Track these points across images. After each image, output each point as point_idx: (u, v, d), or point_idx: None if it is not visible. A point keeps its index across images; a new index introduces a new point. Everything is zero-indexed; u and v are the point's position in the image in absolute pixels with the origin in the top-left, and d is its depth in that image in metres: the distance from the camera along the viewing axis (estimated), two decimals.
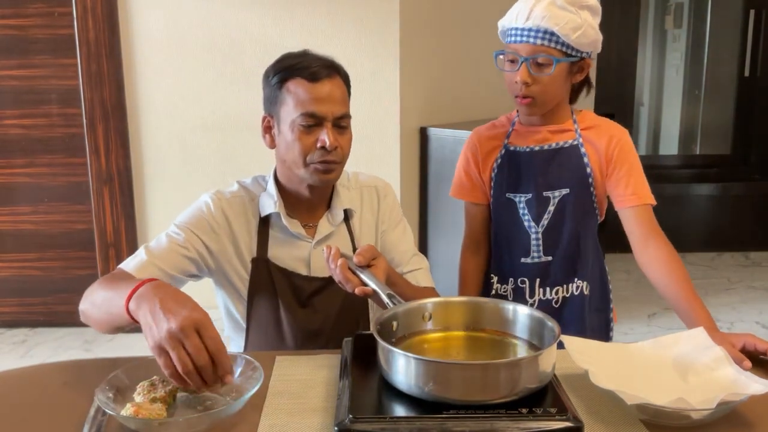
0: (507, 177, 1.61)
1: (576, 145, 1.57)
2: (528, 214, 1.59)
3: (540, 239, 1.59)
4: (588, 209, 1.59)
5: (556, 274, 1.60)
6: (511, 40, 1.52)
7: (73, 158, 3.25)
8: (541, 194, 1.58)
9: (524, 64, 1.48)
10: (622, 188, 1.54)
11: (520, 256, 1.61)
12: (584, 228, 1.59)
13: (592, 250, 1.62)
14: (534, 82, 1.49)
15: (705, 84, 4.85)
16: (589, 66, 1.56)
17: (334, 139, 1.38)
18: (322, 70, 1.39)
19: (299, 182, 1.45)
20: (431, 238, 3.27)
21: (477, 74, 3.50)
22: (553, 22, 1.44)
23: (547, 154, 1.58)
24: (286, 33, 3.03)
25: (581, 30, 1.46)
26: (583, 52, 1.51)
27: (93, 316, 1.27)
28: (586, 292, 1.61)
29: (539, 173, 1.57)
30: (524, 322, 1.15)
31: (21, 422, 1.08)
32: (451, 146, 3.11)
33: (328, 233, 1.49)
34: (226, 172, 3.06)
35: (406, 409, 0.97)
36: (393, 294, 1.19)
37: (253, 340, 1.49)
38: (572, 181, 1.56)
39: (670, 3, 4.93)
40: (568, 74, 1.53)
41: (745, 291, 3.81)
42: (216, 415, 1.01)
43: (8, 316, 3.37)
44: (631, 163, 1.55)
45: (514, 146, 1.62)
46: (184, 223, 1.44)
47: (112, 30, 3.05)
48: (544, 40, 1.46)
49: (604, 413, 1.05)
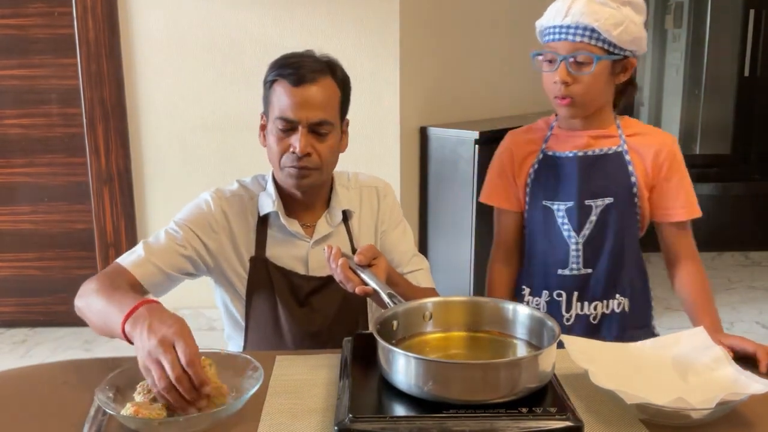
0: (544, 183, 1.55)
1: (620, 152, 1.50)
2: (568, 223, 1.52)
3: (580, 250, 1.52)
4: (631, 221, 1.53)
5: (596, 288, 1.53)
6: (549, 39, 1.46)
7: (73, 158, 3.25)
8: (583, 203, 1.50)
9: (563, 63, 1.42)
10: (670, 201, 1.50)
11: (557, 268, 1.54)
12: (628, 240, 1.52)
13: (634, 263, 1.55)
14: (574, 81, 1.43)
15: (705, 84, 4.84)
16: (633, 66, 1.49)
17: (305, 145, 1.37)
18: (308, 74, 1.38)
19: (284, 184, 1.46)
20: (431, 238, 3.27)
21: (477, 74, 3.50)
22: (593, 17, 1.39)
23: (590, 161, 1.51)
24: (286, 33, 3.03)
25: (623, 26, 1.40)
26: (626, 51, 1.44)
27: (89, 318, 1.27)
28: (627, 309, 1.54)
29: (581, 180, 1.50)
30: (524, 322, 1.15)
31: (21, 422, 1.08)
32: (451, 146, 3.12)
33: (327, 233, 1.49)
34: (226, 172, 3.06)
35: (406, 408, 0.97)
36: (393, 294, 1.19)
37: (252, 339, 1.49)
38: (616, 190, 1.50)
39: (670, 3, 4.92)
40: (611, 74, 1.46)
41: (745, 291, 3.81)
42: (216, 414, 1.01)
43: (8, 316, 3.37)
44: (681, 174, 1.50)
45: (552, 151, 1.54)
46: (184, 220, 1.44)
47: (112, 30, 3.04)
48: (584, 37, 1.40)
49: (604, 413, 1.05)
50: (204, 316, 3.22)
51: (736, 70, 4.62)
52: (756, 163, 4.64)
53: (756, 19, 4.42)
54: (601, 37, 1.40)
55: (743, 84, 4.60)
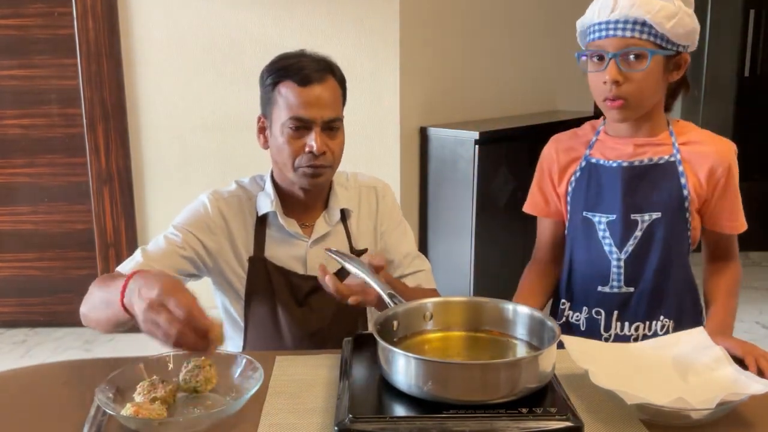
0: (585, 193, 1.44)
1: (673, 161, 1.38)
2: (609, 237, 1.41)
3: (622, 267, 1.41)
4: (681, 237, 1.41)
5: (638, 308, 1.42)
6: (594, 37, 1.34)
7: (73, 158, 3.25)
8: (629, 216, 1.39)
9: (613, 61, 1.31)
10: (725, 217, 1.42)
11: (596, 284, 1.44)
12: (675, 258, 1.41)
13: (682, 283, 1.44)
14: (626, 80, 1.32)
15: (705, 84, 4.84)
16: (687, 62, 1.38)
17: (321, 144, 1.38)
18: (313, 73, 1.39)
19: (291, 184, 1.46)
20: (431, 238, 3.27)
21: (477, 74, 3.50)
22: (645, 9, 1.28)
23: (639, 171, 1.39)
24: (286, 33, 3.03)
25: (676, 18, 1.29)
26: (680, 45, 1.33)
27: (93, 317, 1.28)
28: (672, 331, 1.42)
29: (627, 192, 1.39)
30: (524, 322, 1.14)
31: (21, 422, 1.08)
32: (451, 146, 3.12)
33: (325, 233, 1.50)
34: (226, 172, 3.06)
35: (406, 408, 0.97)
36: (394, 293, 1.19)
37: (252, 339, 1.49)
38: (666, 203, 1.38)
39: None
40: (664, 72, 1.35)
41: (745, 291, 3.79)
42: (216, 414, 1.01)
43: (8, 316, 3.37)
44: (735, 188, 1.41)
45: (596, 159, 1.44)
46: (182, 223, 1.45)
47: (112, 30, 3.05)
48: (635, 32, 1.29)
49: (604, 413, 1.05)
50: None
51: (736, 70, 4.62)
52: (756, 163, 4.64)
53: (756, 19, 4.43)
54: (653, 30, 1.29)
55: (743, 84, 4.60)
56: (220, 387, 1.11)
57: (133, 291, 1.07)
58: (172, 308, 1.01)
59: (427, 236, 3.28)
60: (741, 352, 1.21)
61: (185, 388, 1.09)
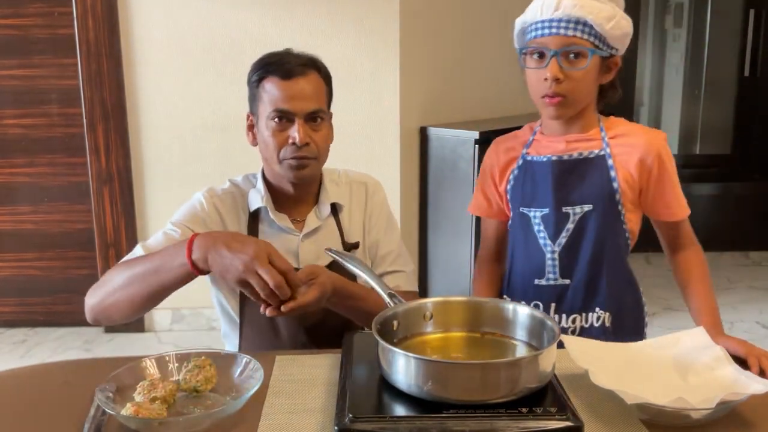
0: (522, 189, 1.48)
1: (603, 155, 1.42)
2: (544, 231, 1.45)
3: (556, 260, 1.45)
4: (614, 230, 1.44)
5: (574, 300, 1.45)
6: (536, 35, 1.38)
7: (73, 158, 3.25)
8: (560, 209, 1.43)
9: (554, 59, 1.35)
10: (663, 205, 1.44)
11: (534, 277, 1.47)
12: (609, 250, 1.44)
13: (619, 277, 1.47)
14: (565, 78, 1.35)
15: (705, 84, 4.84)
16: (617, 66, 1.43)
17: (304, 135, 1.41)
18: (295, 68, 1.42)
19: (280, 178, 1.48)
20: (431, 238, 3.27)
21: (477, 74, 3.50)
22: (587, 10, 1.33)
23: (568, 165, 1.43)
24: (286, 33, 3.03)
25: (615, 20, 1.35)
26: (613, 48, 1.39)
27: (123, 296, 1.31)
28: (608, 323, 1.45)
29: (558, 186, 1.43)
30: (524, 322, 1.14)
31: (21, 422, 1.08)
32: (452, 146, 3.12)
33: (316, 227, 1.52)
34: (226, 172, 3.02)
35: (406, 408, 0.97)
36: (394, 293, 1.19)
37: (247, 335, 1.50)
38: (596, 196, 1.41)
39: (670, 3, 4.92)
40: (599, 73, 1.40)
41: (745, 291, 3.81)
42: (216, 414, 1.01)
43: (8, 316, 3.37)
44: (670, 175, 1.43)
45: (531, 156, 1.48)
46: (180, 220, 1.47)
47: (112, 30, 3.05)
48: (577, 31, 1.34)
49: (604, 413, 1.05)
50: (204, 316, 3.22)
51: (736, 70, 4.62)
52: (756, 163, 4.64)
53: (756, 19, 4.42)
54: (593, 31, 1.34)
55: (743, 84, 4.60)
56: (220, 386, 1.11)
57: (210, 244, 1.21)
58: (275, 261, 1.18)
59: (427, 236, 3.28)
60: (743, 352, 1.21)
61: (185, 387, 1.09)
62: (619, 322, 1.46)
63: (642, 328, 1.52)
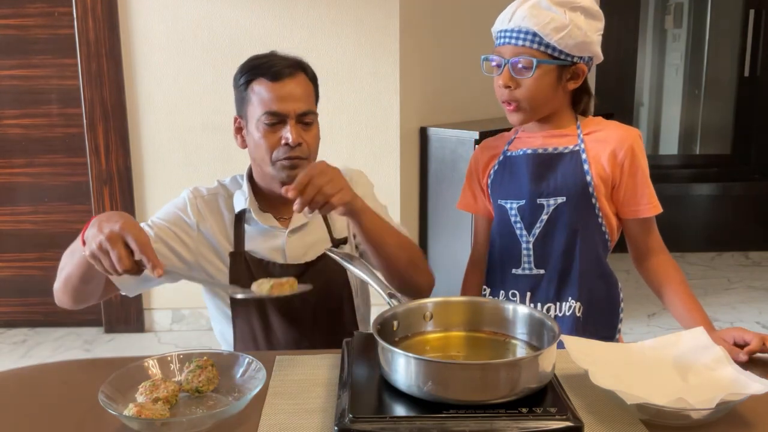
0: (500, 182, 1.54)
1: (577, 150, 1.46)
2: (520, 221, 1.50)
3: (531, 250, 1.49)
4: (588, 223, 1.47)
5: (548, 289, 1.49)
6: (497, 43, 1.47)
7: (73, 158, 3.25)
8: (535, 201, 1.47)
9: (506, 67, 1.43)
10: (634, 200, 1.46)
11: (511, 267, 1.52)
12: (582, 242, 1.46)
13: (593, 270, 1.49)
14: (516, 85, 1.43)
15: (705, 84, 4.85)
16: (584, 73, 1.46)
17: (296, 135, 1.42)
18: (284, 69, 1.43)
19: (270, 180, 1.49)
20: (431, 238, 3.27)
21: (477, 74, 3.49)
22: (534, 21, 1.38)
23: (544, 158, 1.48)
24: (286, 33, 3.03)
25: (566, 30, 1.38)
26: (575, 57, 1.42)
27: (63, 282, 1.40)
28: (579, 314, 1.47)
29: (533, 178, 1.48)
30: (524, 322, 1.15)
31: (21, 422, 1.08)
32: (451, 146, 3.12)
33: (303, 223, 1.53)
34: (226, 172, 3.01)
35: (406, 408, 0.97)
36: (394, 293, 1.20)
37: (242, 330, 1.51)
38: (570, 188, 1.45)
39: (670, 3, 4.93)
40: (558, 79, 1.44)
41: (745, 291, 3.81)
42: (218, 415, 1.01)
43: (8, 316, 3.38)
44: (643, 170, 1.45)
45: (511, 152, 1.54)
46: (160, 218, 1.50)
47: (112, 30, 3.05)
48: (525, 41, 1.40)
49: (604, 413, 1.05)
50: (204, 316, 3.21)
51: (736, 70, 4.62)
52: (756, 163, 4.65)
53: (756, 19, 4.43)
54: (542, 41, 1.39)
55: (743, 84, 4.60)
56: (222, 387, 1.12)
57: (93, 225, 1.18)
58: (129, 242, 1.14)
59: (427, 236, 3.28)
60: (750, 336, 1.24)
61: (187, 388, 1.10)
62: (590, 313, 1.48)
63: (616, 324, 1.53)
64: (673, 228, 1.66)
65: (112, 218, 1.17)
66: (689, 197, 4.59)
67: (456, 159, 3.09)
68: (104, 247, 1.14)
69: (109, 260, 1.14)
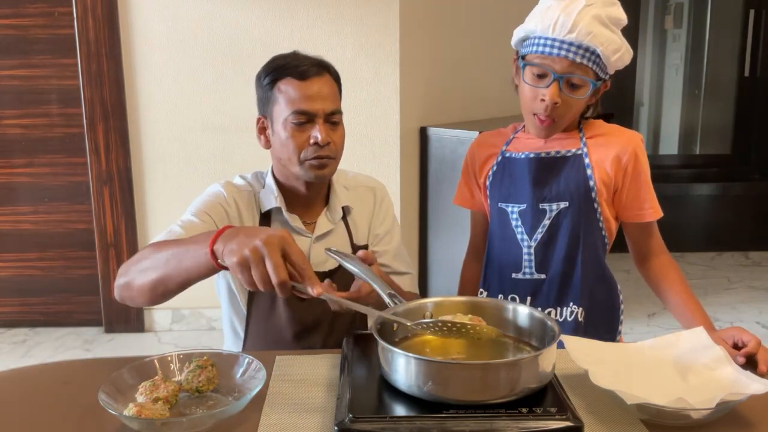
0: (500, 185, 1.51)
1: (580, 154, 1.44)
2: (521, 226, 1.48)
3: (532, 254, 1.47)
4: (591, 227, 1.45)
5: (549, 294, 1.48)
6: (541, 51, 1.35)
7: (73, 158, 3.25)
8: (537, 206, 1.46)
9: (555, 83, 1.33)
10: (637, 204, 1.45)
11: (511, 271, 1.50)
12: (584, 247, 1.45)
13: (593, 273, 1.48)
14: (563, 103, 1.35)
15: (705, 84, 4.84)
16: (606, 88, 1.45)
17: (326, 134, 1.41)
18: (311, 68, 1.43)
19: (296, 179, 1.48)
20: (431, 238, 3.27)
21: (477, 74, 3.50)
22: (599, 40, 1.31)
23: (546, 162, 1.45)
24: (286, 33, 3.03)
25: (620, 53, 1.34)
26: (608, 75, 1.40)
27: (145, 280, 1.22)
28: (581, 318, 1.46)
29: (536, 182, 1.45)
30: (524, 322, 1.15)
31: (21, 422, 1.08)
32: (451, 146, 3.12)
33: (328, 230, 1.52)
34: (226, 172, 3.02)
35: (406, 408, 0.97)
36: (394, 293, 1.19)
37: (253, 331, 1.51)
38: (573, 193, 1.43)
39: (670, 3, 4.93)
40: (592, 96, 1.42)
41: (745, 291, 3.81)
42: (219, 414, 1.01)
43: (8, 316, 3.37)
44: (645, 175, 1.44)
45: (510, 153, 1.51)
46: (199, 209, 1.45)
47: (112, 30, 3.05)
48: (584, 59, 1.32)
49: (604, 413, 1.05)
50: (204, 316, 3.22)
51: (736, 70, 4.62)
52: (756, 163, 4.65)
53: (756, 19, 4.43)
54: (600, 62, 1.34)
55: (743, 84, 4.60)
56: (222, 387, 1.12)
57: (233, 234, 1.07)
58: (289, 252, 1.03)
59: (427, 236, 3.28)
60: (751, 341, 1.23)
61: (187, 388, 1.10)
62: (592, 318, 1.47)
63: (616, 326, 1.53)
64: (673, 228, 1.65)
65: (258, 229, 1.07)
66: (689, 197, 4.59)
67: (456, 159, 3.09)
68: (260, 252, 1.01)
69: (263, 270, 1.02)
